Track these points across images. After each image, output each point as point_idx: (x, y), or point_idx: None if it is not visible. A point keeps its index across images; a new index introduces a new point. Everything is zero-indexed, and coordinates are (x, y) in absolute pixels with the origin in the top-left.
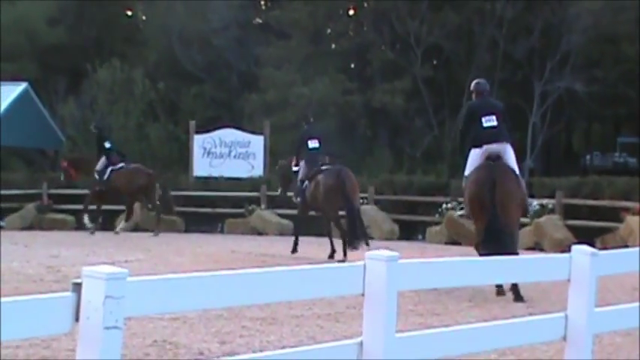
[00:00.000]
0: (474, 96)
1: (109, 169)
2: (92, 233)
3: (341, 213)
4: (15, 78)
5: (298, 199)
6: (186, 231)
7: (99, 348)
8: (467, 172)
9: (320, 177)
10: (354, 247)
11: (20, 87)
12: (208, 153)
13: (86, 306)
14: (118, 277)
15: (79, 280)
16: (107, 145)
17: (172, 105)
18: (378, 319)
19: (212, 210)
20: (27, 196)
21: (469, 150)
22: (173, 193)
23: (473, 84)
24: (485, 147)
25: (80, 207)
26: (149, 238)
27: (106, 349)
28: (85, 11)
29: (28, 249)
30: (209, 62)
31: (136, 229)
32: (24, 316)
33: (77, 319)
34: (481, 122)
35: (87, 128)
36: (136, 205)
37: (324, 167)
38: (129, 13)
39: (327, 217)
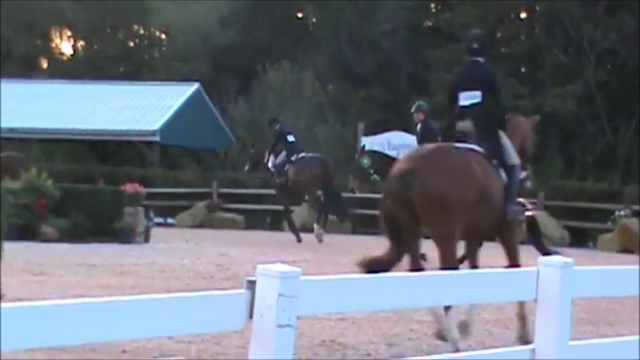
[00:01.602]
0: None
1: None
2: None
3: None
4: (187, 79)
5: (281, 179)
6: (354, 232)
7: (272, 345)
8: None
9: (302, 162)
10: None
11: (192, 87)
12: None
13: (260, 304)
14: (292, 276)
15: (253, 278)
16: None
17: (341, 107)
18: (551, 326)
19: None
20: (197, 195)
21: None
22: (344, 195)
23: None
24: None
25: (249, 207)
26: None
27: (279, 347)
28: (256, 13)
29: (198, 247)
30: (378, 65)
31: (305, 229)
32: (199, 312)
33: (251, 316)
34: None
35: (256, 129)
36: (304, 206)
37: (304, 155)
38: (299, 15)
39: (310, 196)
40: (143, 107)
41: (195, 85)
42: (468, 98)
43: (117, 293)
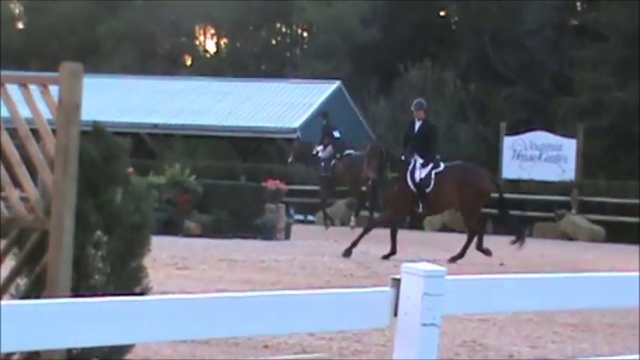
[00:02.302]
0: None
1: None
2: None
3: None
4: (328, 76)
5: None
6: (493, 233)
7: (416, 344)
8: None
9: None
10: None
11: (333, 85)
12: (518, 155)
13: (404, 302)
14: (437, 275)
15: (397, 276)
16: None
17: (482, 106)
18: None
19: (520, 213)
20: (339, 193)
21: None
22: None
23: None
24: None
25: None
26: (455, 238)
27: (423, 346)
28: (398, 11)
29: (338, 244)
30: (521, 64)
31: (443, 228)
32: (344, 309)
33: (395, 314)
34: None
35: (397, 127)
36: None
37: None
38: (442, 13)
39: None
40: (284, 105)
41: (337, 83)
42: None
43: (258, 289)
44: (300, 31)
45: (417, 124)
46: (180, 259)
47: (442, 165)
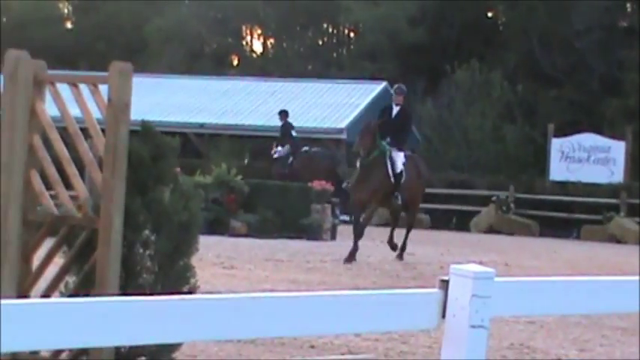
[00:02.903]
0: None
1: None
2: None
3: None
4: (375, 77)
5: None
6: (541, 235)
7: (464, 346)
8: None
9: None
10: None
11: (380, 86)
12: (566, 157)
13: (452, 303)
14: (485, 277)
15: (446, 278)
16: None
17: (530, 107)
18: None
19: (568, 215)
20: None
21: None
22: (527, 196)
23: None
24: None
25: (434, 206)
26: (503, 240)
27: (471, 348)
28: (445, 12)
29: (383, 245)
30: (569, 65)
31: (490, 230)
32: (391, 309)
33: (443, 315)
34: None
35: (443, 128)
36: (491, 207)
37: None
38: (489, 14)
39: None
40: (330, 105)
41: (383, 84)
42: None
43: (304, 289)
44: (346, 31)
45: (395, 110)
46: (227, 258)
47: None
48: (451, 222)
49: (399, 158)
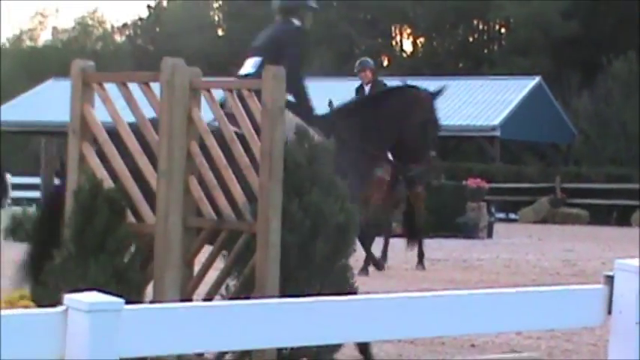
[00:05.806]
0: None
1: None
2: None
3: None
4: (528, 72)
5: None
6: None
7: (632, 343)
8: None
9: None
10: None
11: (533, 81)
12: None
13: (618, 300)
14: None
15: (611, 274)
16: None
17: None
18: None
19: None
20: (540, 190)
21: None
22: None
23: None
24: None
25: (594, 201)
26: None
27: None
28: (599, 3)
29: (542, 242)
30: None
31: None
32: (554, 307)
33: (609, 312)
34: None
35: (600, 122)
36: None
37: None
38: None
39: None
40: (483, 102)
41: (536, 79)
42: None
43: (462, 288)
44: (497, 27)
45: (367, 88)
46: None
47: None
48: (611, 217)
49: None
